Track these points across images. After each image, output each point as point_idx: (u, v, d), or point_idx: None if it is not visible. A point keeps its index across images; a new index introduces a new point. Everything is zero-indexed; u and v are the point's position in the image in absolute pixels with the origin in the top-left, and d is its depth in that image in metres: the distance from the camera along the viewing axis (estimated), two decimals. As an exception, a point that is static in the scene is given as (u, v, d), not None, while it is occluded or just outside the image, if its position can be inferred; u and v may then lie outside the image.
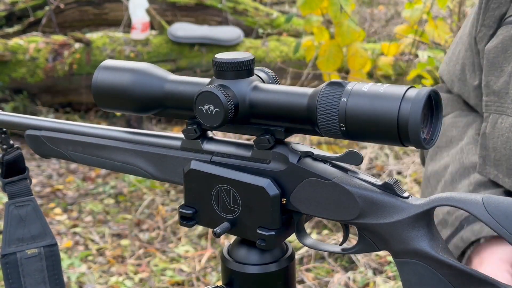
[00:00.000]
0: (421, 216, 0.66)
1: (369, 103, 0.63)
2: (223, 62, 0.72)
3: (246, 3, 5.43)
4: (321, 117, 0.66)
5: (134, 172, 0.84)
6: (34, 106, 4.79)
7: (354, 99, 0.64)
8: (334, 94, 0.65)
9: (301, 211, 0.73)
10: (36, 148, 0.91)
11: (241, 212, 0.75)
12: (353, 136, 0.66)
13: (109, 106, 0.81)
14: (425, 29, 3.09)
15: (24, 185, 0.99)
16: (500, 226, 0.61)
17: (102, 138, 0.86)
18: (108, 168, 0.87)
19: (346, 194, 0.69)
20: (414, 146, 0.64)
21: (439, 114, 0.66)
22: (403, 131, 0.62)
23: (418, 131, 0.61)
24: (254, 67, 0.74)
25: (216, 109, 0.70)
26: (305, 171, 0.71)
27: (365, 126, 0.64)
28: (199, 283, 2.84)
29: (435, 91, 0.64)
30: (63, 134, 0.89)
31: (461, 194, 0.65)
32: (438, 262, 0.66)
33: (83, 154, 0.87)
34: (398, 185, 0.68)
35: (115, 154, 0.85)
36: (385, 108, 0.62)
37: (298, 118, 0.69)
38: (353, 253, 0.73)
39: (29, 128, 0.91)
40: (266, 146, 0.73)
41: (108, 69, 0.80)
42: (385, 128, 0.63)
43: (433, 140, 0.66)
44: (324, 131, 0.67)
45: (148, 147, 0.82)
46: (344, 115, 0.65)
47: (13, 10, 5.85)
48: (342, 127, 0.65)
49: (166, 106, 0.78)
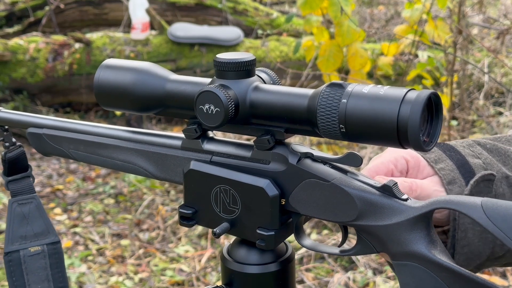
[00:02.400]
0: (419, 219, 0.66)
1: (369, 105, 0.63)
2: (224, 62, 0.72)
3: (246, 3, 5.43)
4: (321, 118, 0.66)
5: (134, 171, 0.85)
6: (34, 106, 4.79)
7: (354, 101, 0.64)
8: (334, 96, 0.65)
9: (300, 212, 0.73)
10: (38, 146, 0.91)
11: (240, 213, 0.75)
12: (353, 137, 0.66)
13: (110, 104, 0.81)
14: (425, 29, 3.09)
15: (27, 183, 0.99)
16: (498, 229, 0.61)
17: (104, 137, 0.86)
18: (109, 167, 0.87)
19: (345, 196, 0.69)
20: (413, 149, 0.64)
21: (439, 117, 0.66)
22: (403, 133, 0.62)
23: (417, 133, 0.61)
24: (255, 68, 0.74)
25: (216, 108, 0.70)
26: (305, 172, 0.71)
27: (364, 128, 0.64)
28: (199, 283, 2.84)
29: (435, 94, 0.64)
30: (65, 133, 0.89)
31: (460, 197, 0.65)
32: (436, 265, 0.66)
33: (84, 152, 0.87)
34: (397, 187, 0.68)
35: (116, 153, 0.85)
36: (385, 110, 0.62)
37: (298, 119, 0.69)
38: (352, 255, 0.73)
39: (31, 126, 0.91)
40: (266, 147, 0.73)
41: (110, 68, 0.80)
42: (384, 130, 0.63)
43: (433, 143, 0.66)
44: (324, 132, 0.67)
45: (149, 146, 0.83)
46: (344, 116, 0.65)
47: (13, 10, 5.85)
48: (342, 129, 0.65)
49: (167, 106, 0.78)
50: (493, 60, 4.44)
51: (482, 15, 5.15)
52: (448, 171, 0.77)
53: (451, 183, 0.77)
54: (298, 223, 0.76)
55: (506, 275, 2.60)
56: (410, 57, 3.66)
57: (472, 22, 4.81)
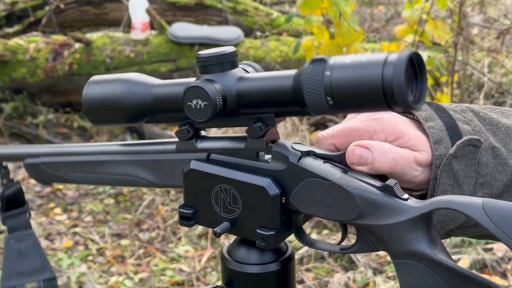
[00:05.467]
0: (420, 219, 0.67)
1: (352, 72, 0.64)
2: (206, 57, 0.73)
3: (246, 3, 5.43)
4: (308, 94, 0.67)
5: (134, 183, 0.85)
6: (34, 106, 4.80)
7: (338, 71, 0.65)
8: (317, 70, 0.66)
9: (300, 211, 0.73)
10: (36, 176, 0.93)
11: (241, 212, 0.75)
12: (341, 108, 0.66)
13: (101, 119, 0.82)
14: (425, 29, 3.09)
15: (24, 219, 1.00)
16: (500, 230, 0.61)
17: (99, 154, 0.87)
18: (108, 184, 0.88)
19: (346, 195, 0.69)
20: (402, 108, 0.64)
21: (423, 75, 0.66)
22: (389, 94, 0.62)
23: (404, 92, 0.62)
24: (237, 59, 0.75)
25: (204, 102, 0.71)
26: (305, 171, 0.71)
27: (351, 96, 0.64)
28: (199, 283, 2.84)
29: (416, 53, 0.65)
30: (61, 157, 0.90)
31: (461, 197, 0.65)
32: (437, 264, 0.66)
33: (82, 174, 0.88)
34: (398, 187, 0.69)
35: (113, 168, 0.85)
36: (368, 75, 0.63)
37: (285, 101, 0.70)
38: (351, 252, 0.73)
39: (28, 157, 0.92)
40: (258, 134, 0.73)
41: (96, 83, 0.81)
42: (371, 94, 0.63)
43: (421, 101, 0.66)
44: (312, 109, 0.67)
45: (144, 155, 0.83)
46: (330, 88, 0.65)
47: (13, 10, 5.86)
48: (329, 101, 0.66)
49: (156, 111, 0.78)
50: (493, 60, 4.44)
51: (483, 15, 5.15)
52: (437, 131, 0.78)
53: (438, 142, 0.77)
54: (298, 221, 0.76)
55: (506, 275, 2.61)
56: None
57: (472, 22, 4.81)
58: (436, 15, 3.74)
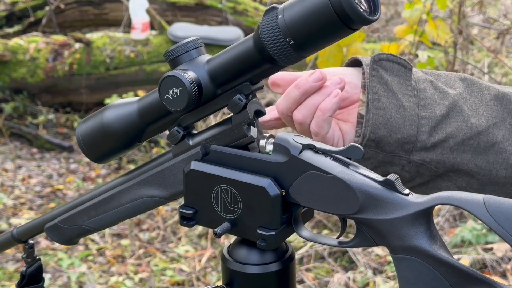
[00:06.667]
0: (421, 214, 0.67)
1: (301, 6, 0.67)
2: (172, 50, 0.76)
3: (246, 3, 5.43)
4: (269, 44, 0.69)
5: (146, 205, 0.86)
6: (34, 106, 4.80)
7: (289, 11, 0.68)
8: (270, 18, 0.69)
9: (301, 204, 0.73)
10: (59, 238, 0.93)
11: (241, 212, 0.75)
12: (304, 46, 0.68)
13: (101, 153, 0.85)
14: (425, 29, 3.09)
15: None
16: (501, 227, 0.62)
17: (105, 192, 0.88)
18: (125, 217, 0.88)
19: (346, 189, 0.69)
20: (360, 24, 0.66)
21: None
22: (342, 12, 0.65)
23: (353, 6, 0.64)
24: (203, 47, 0.78)
25: (179, 89, 0.73)
26: (306, 164, 0.72)
27: (309, 29, 0.67)
28: (199, 283, 2.84)
29: None
30: (73, 210, 0.91)
31: (462, 193, 0.65)
32: (436, 259, 0.66)
33: (97, 216, 0.89)
34: (399, 182, 0.69)
35: (122, 198, 0.86)
36: (316, 2, 0.66)
37: (253, 62, 0.72)
38: (350, 246, 0.73)
39: (46, 223, 0.94)
40: (240, 106, 0.74)
41: (84, 121, 0.85)
42: (326, 20, 0.66)
43: (377, 12, 0.69)
44: (280, 58, 0.69)
45: (145, 174, 0.84)
46: (286, 29, 0.68)
47: (13, 10, 5.85)
48: (290, 42, 0.68)
49: (146, 123, 0.81)
50: (493, 60, 4.44)
51: (482, 15, 5.15)
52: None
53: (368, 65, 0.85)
54: (297, 215, 0.76)
55: (506, 275, 2.61)
56: (410, 57, 3.66)
57: (472, 22, 4.81)
58: (436, 15, 3.74)
